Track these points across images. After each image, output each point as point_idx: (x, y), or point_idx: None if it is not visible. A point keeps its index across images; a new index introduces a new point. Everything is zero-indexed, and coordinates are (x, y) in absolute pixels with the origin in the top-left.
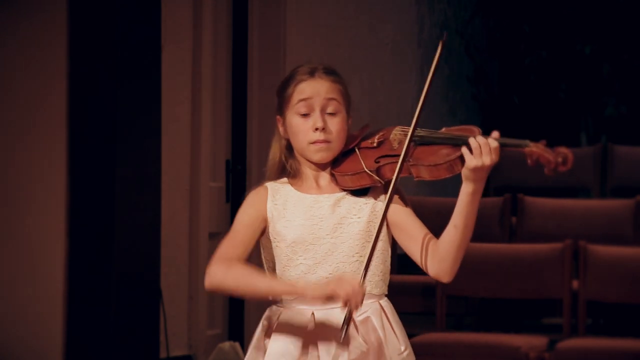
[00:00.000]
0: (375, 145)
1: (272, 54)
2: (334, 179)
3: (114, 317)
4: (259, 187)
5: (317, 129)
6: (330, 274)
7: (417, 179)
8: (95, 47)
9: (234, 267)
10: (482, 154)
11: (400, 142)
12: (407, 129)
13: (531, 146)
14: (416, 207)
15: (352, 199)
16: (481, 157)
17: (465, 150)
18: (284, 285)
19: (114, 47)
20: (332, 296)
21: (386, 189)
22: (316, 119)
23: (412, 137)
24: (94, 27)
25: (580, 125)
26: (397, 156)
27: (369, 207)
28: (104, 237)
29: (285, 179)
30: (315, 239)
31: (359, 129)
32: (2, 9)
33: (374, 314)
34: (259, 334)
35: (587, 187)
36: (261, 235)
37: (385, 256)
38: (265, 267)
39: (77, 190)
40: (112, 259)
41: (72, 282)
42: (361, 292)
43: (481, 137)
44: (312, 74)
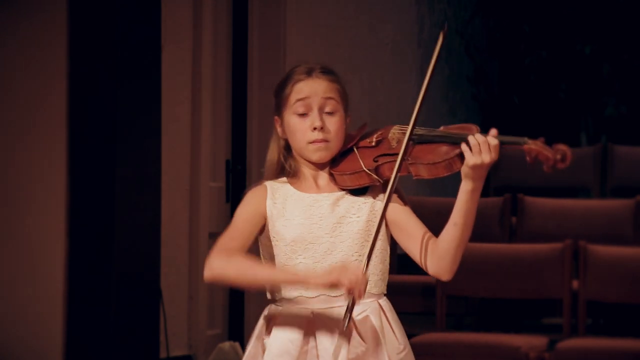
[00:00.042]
0: (373, 144)
1: (272, 54)
2: (332, 178)
3: (114, 317)
4: (258, 185)
5: (315, 129)
6: None
7: (416, 177)
8: (95, 47)
9: (234, 257)
10: (481, 152)
11: (398, 140)
12: (406, 128)
13: (530, 143)
14: (416, 207)
15: (351, 198)
16: (481, 154)
17: (465, 147)
18: (286, 273)
19: (114, 47)
20: (335, 284)
21: (385, 188)
22: (314, 118)
23: (410, 136)
24: (94, 27)
25: (580, 125)
26: (396, 155)
27: (368, 206)
28: (104, 237)
29: (284, 179)
30: (314, 238)
31: (357, 129)
32: (2, 9)
33: (372, 313)
34: (260, 328)
35: (587, 187)
36: (260, 232)
37: (384, 255)
38: None
39: (77, 190)
40: (112, 259)
41: (72, 282)
42: (364, 281)
43: (480, 135)
44: (309, 74)
